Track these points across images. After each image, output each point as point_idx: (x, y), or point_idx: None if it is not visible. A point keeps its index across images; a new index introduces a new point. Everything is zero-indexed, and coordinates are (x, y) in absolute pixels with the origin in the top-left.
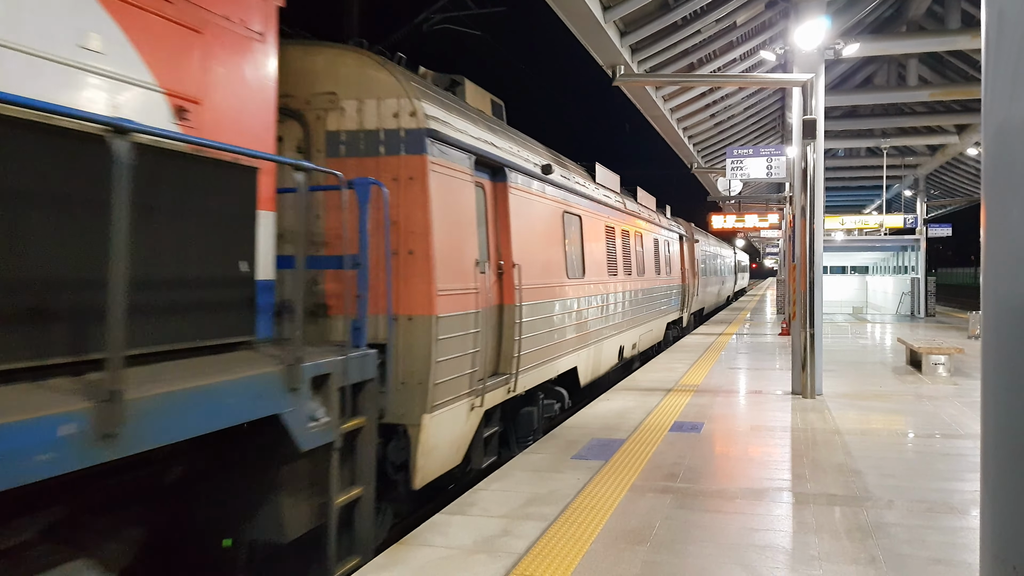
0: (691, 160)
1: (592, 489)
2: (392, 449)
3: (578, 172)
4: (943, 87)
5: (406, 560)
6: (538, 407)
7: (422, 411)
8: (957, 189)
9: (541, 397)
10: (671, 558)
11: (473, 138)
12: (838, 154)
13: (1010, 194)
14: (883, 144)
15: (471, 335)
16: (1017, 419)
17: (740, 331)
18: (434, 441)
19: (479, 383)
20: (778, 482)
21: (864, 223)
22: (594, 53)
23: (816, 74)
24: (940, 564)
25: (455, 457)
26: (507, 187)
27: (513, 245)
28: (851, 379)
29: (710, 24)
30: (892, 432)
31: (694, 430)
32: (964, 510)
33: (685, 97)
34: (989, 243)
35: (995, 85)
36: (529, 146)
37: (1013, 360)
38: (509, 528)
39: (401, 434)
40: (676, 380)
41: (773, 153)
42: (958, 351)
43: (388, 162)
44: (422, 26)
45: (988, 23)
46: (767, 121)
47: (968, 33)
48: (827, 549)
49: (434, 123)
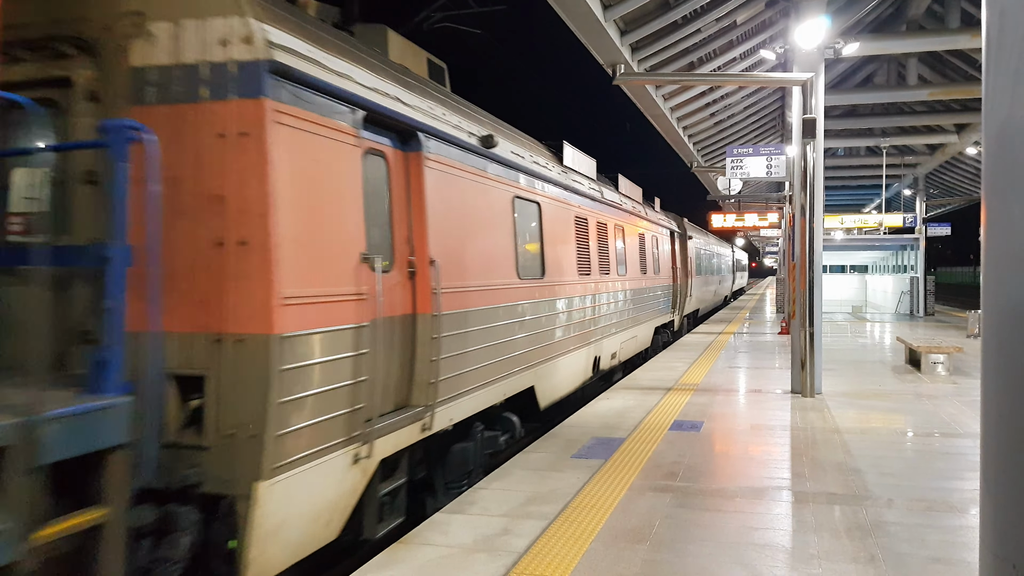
0: (691, 159)
1: (592, 488)
2: (216, 531)
3: (539, 151)
4: (943, 86)
5: (406, 559)
6: (476, 442)
7: (255, 476)
8: (956, 188)
9: (480, 429)
10: (671, 557)
11: (362, 86)
12: (838, 153)
13: (1011, 193)
14: (883, 143)
15: (351, 359)
16: (1017, 418)
17: (740, 330)
18: (280, 516)
19: (366, 424)
20: (778, 481)
21: (863, 222)
22: (594, 52)
23: (816, 73)
24: (939, 563)
25: (324, 532)
26: (422, 158)
27: (430, 236)
28: (850, 378)
29: (710, 23)
30: (891, 431)
31: (694, 429)
32: (963, 509)
33: (685, 96)
34: (989, 242)
35: (996, 85)
36: (467, 112)
37: (1013, 360)
38: (509, 527)
39: (227, 508)
40: (676, 379)
41: (773, 152)
42: (957, 350)
43: (212, 110)
44: (422, 25)
45: (989, 22)
46: (767, 120)
47: (968, 32)
48: (827, 548)
49: (284, 56)
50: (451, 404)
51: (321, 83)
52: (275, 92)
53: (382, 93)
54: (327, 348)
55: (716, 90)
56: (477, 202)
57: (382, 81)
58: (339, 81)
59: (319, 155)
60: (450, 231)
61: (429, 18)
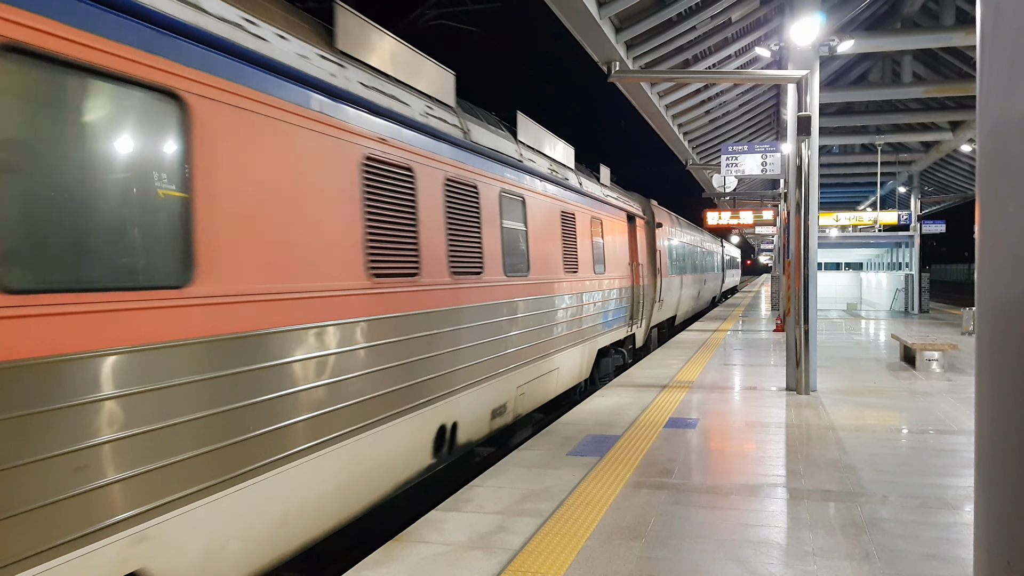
0: (686, 156)
1: (587, 485)
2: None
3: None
4: (937, 84)
5: (401, 557)
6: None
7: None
8: (951, 185)
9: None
10: (666, 554)
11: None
12: (833, 151)
13: (1006, 190)
14: (877, 140)
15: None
16: (1011, 415)
17: (735, 327)
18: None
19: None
20: (773, 478)
21: (858, 219)
22: (589, 49)
23: (811, 70)
24: (934, 559)
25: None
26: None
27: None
28: (845, 375)
29: (705, 20)
30: (886, 428)
31: (689, 426)
32: (958, 506)
33: (680, 93)
34: (984, 239)
35: (990, 81)
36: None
37: (1008, 357)
38: (504, 524)
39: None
40: (671, 376)
41: (768, 149)
42: (952, 347)
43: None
44: (417, 22)
45: (984, 19)
46: (762, 117)
47: (962, 30)
48: (821, 544)
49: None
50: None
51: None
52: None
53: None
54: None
55: (711, 87)
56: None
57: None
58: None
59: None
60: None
61: (424, 15)
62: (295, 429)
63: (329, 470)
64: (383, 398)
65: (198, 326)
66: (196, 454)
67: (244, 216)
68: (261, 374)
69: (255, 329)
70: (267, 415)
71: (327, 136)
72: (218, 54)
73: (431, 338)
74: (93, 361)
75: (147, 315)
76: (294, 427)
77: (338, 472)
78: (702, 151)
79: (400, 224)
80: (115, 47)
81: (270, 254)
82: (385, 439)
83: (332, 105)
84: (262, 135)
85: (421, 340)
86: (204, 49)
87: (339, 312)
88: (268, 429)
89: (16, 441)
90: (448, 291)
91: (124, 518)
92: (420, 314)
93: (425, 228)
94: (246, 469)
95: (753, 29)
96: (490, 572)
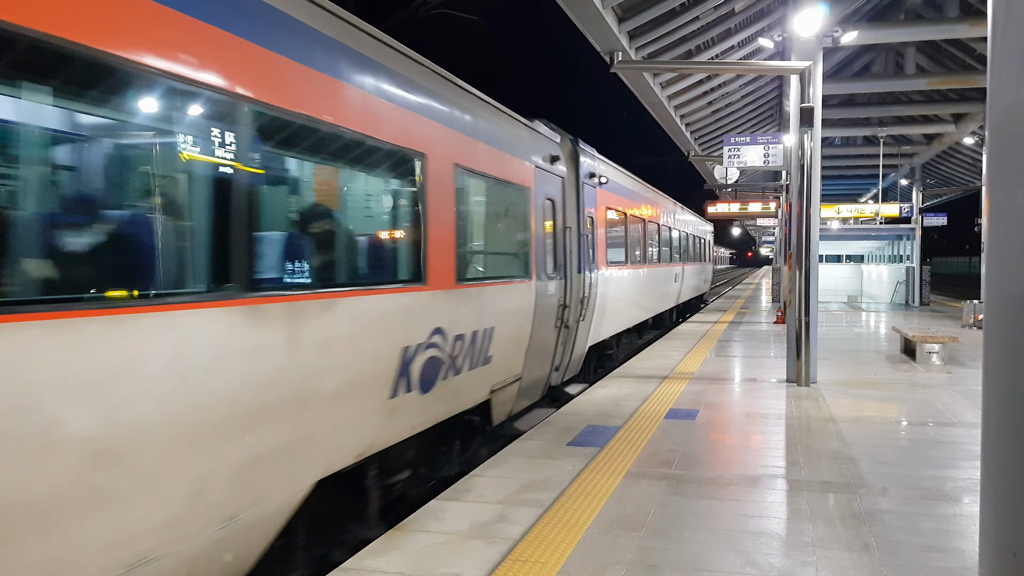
0: (688, 147)
1: (587, 476)
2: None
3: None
4: (940, 76)
5: (402, 546)
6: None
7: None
8: (953, 178)
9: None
10: (666, 544)
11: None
12: (835, 142)
13: (1016, 179)
14: (880, 133)
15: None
16: (1018, 407)
17: (735, 319)
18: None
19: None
20: (772, 469)
21: (860, 212)
22: (592, 39)
23: (814, 62)
24: (933, 551)
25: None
26: None
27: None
28: (846, 367)
29: (708, 11)
30: (886, 420)
31: (689, 417)
32: (957, 498)
33: (683, 84)
34: (992, 229)
35: (1001, 69)
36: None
37: (1016, 348)
38: (505, 514)
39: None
40: (672, 368)
41: (770, 141)
42: (952, 340)
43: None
44: (419, 11)
45: (995, 7)
46: (764, 109)
47: (966, 21)
48: (821, 535)
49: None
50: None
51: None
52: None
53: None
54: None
55: (714, 78)
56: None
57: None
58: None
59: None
60: None
61: (426, 4)
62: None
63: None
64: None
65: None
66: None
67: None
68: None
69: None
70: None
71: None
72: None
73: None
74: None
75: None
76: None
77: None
78: (704, 142)
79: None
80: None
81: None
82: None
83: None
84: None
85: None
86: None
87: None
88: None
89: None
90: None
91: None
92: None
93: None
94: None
95: (756, 20)
96: (490, 561)
